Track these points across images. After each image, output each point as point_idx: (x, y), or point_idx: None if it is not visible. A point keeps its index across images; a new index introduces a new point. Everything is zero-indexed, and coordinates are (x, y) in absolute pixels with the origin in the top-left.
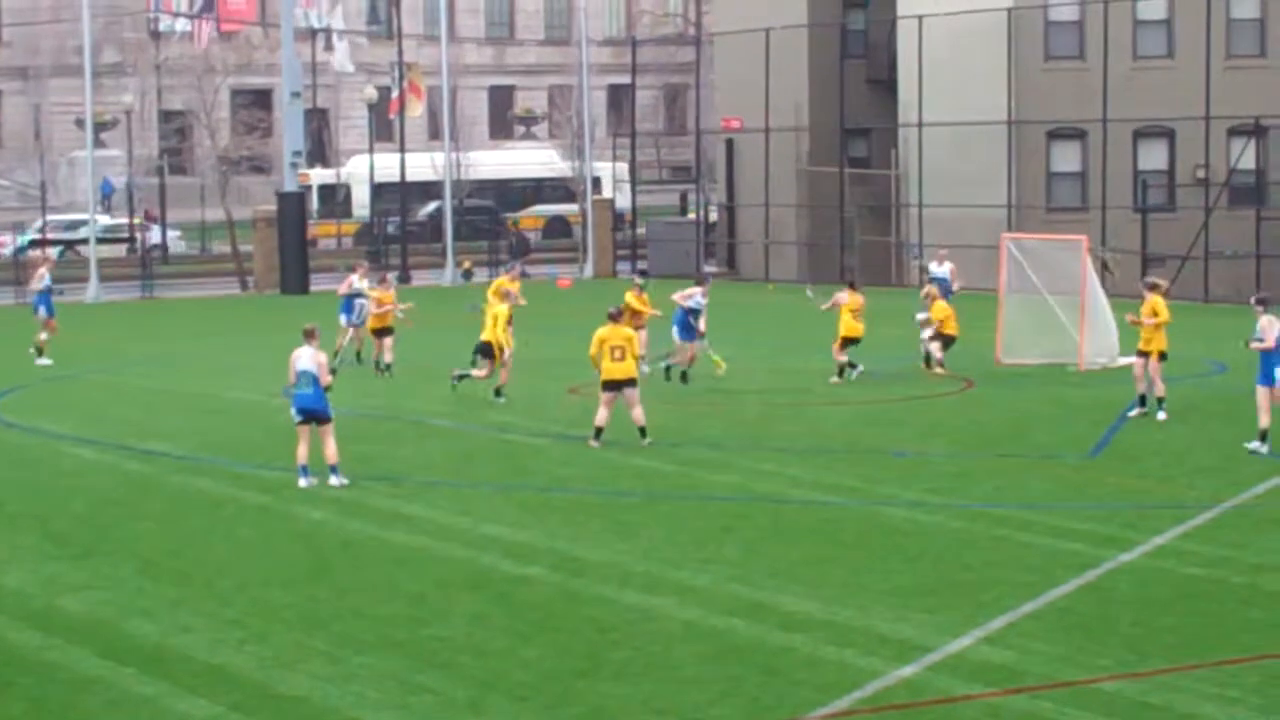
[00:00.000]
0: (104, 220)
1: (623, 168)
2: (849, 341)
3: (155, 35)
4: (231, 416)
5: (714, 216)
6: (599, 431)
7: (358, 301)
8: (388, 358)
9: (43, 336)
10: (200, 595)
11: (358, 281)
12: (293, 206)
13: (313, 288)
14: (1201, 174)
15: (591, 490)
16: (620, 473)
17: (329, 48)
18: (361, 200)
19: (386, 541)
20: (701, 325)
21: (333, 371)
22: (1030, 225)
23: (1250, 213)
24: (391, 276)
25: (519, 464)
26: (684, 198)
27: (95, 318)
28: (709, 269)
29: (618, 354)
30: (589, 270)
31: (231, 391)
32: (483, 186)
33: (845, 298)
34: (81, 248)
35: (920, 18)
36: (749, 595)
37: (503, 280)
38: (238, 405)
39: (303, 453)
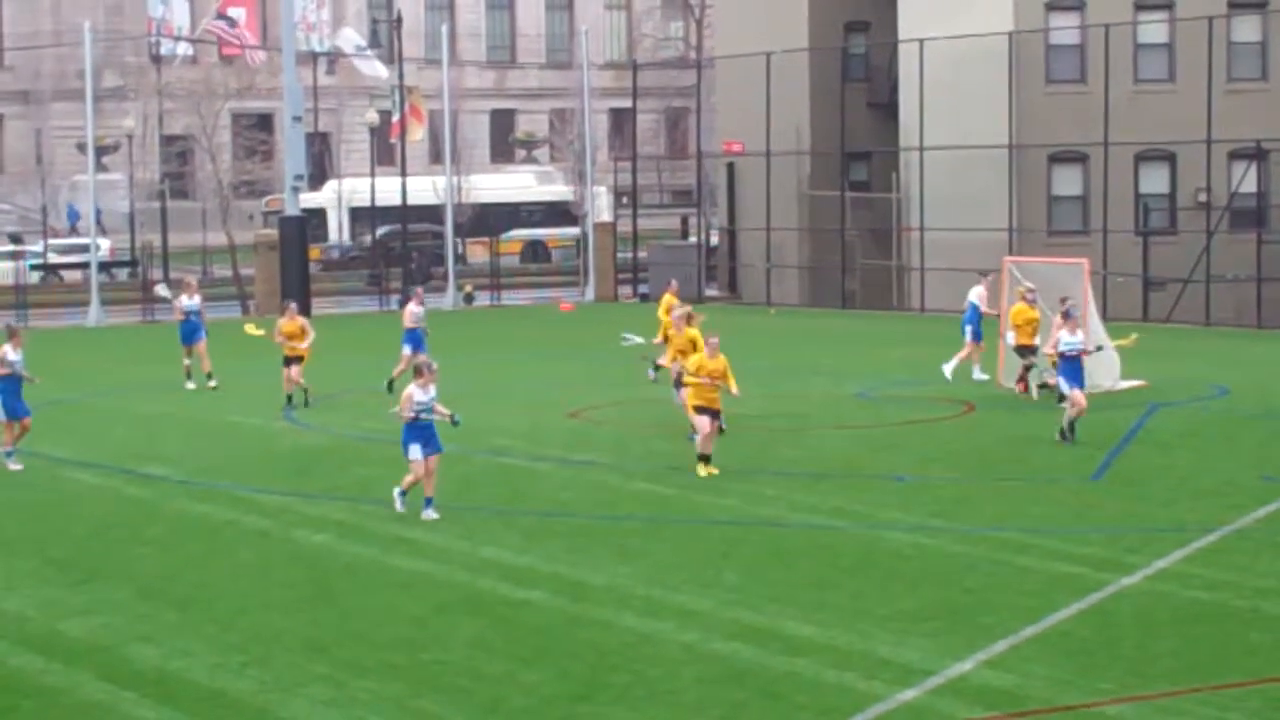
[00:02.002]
0: (72, 241)
1: (602, 190)
2: None
3: (156, 59)
4: (232, 440)
5: (715, 240)
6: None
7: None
8: (295, 383)
9: (186, 363)
10: (201, 619)
11: (417, 309)
12: (294, 230)
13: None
14: (1203, 197)
15: (592, 515)
16: (620, 497)
17: (330, 72)
18: (334, 226)
19: (387, 565)
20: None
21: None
22: (1031, 249)
23: (1251, 236)
24: (294, 305)
25: (519, 488)
26: (685, 221)
27: (96, 341)
28: (710, 291)
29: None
30: (590, 294)
31: (232, 415)
32: (439, 211)
33: None
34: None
35: (921, 41)
36: (750, 619)
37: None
38: (238, 429)
39: (406, 480)
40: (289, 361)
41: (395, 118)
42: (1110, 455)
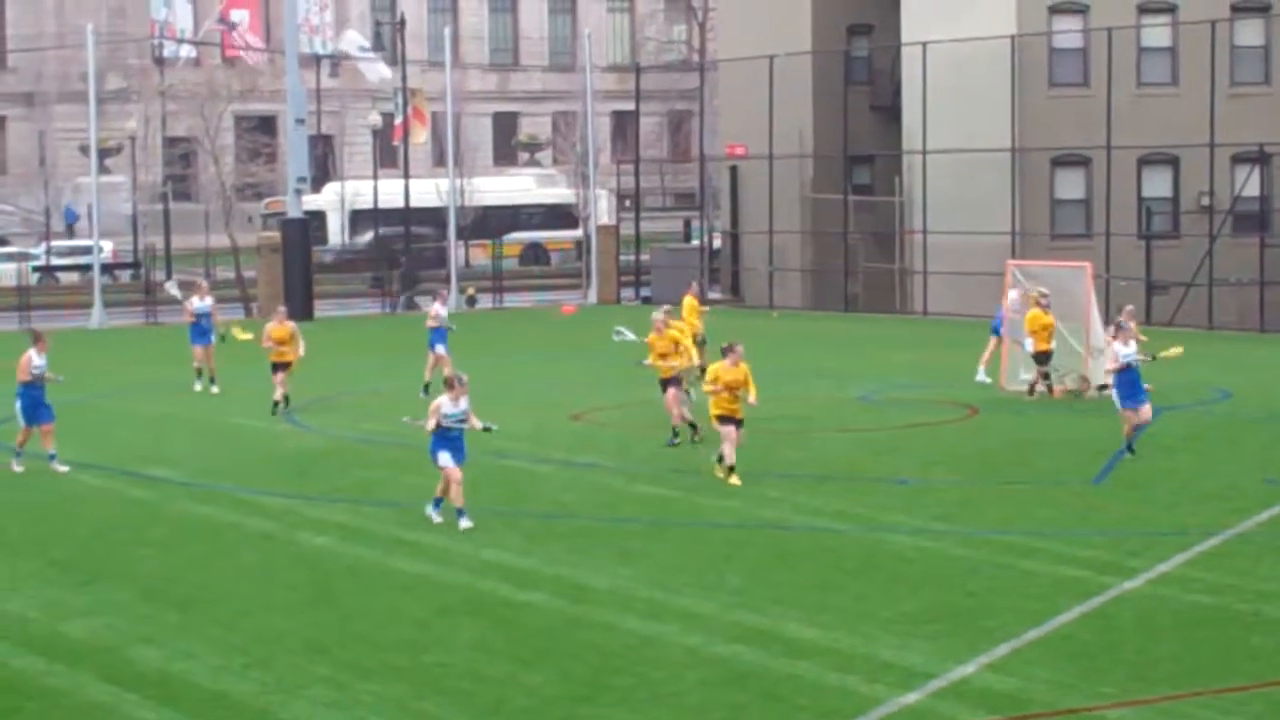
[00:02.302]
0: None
1: (602, 193)
2: None
3: (159, 61)
4: (235, 442)
5: (718, 243)
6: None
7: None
8: (279, 393)
9: (196, 364)
10: (203, 621)
11: (441, 309)
12: (296, 233)
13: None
14: (1206, 201)
15: (594, 517)
16: (623, 499)
17: (333, 75)
18: (335, 228)
19: (389, 568)
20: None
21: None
22: (1034, 252)
23: (1254, 240)
24: (284, 309)
25: (521, 490)
26: (688, 224)
27: (99, 343)
28: (715, 296)
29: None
30: (592, 297)
31: (235, 417)
32: (440, 214)
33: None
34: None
35: (924, 44)
36: (752, 622)
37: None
38: (241, 431)
39: (438, 487)
40: (277, 368)
41: (398, 120)
42: (1113, 459)
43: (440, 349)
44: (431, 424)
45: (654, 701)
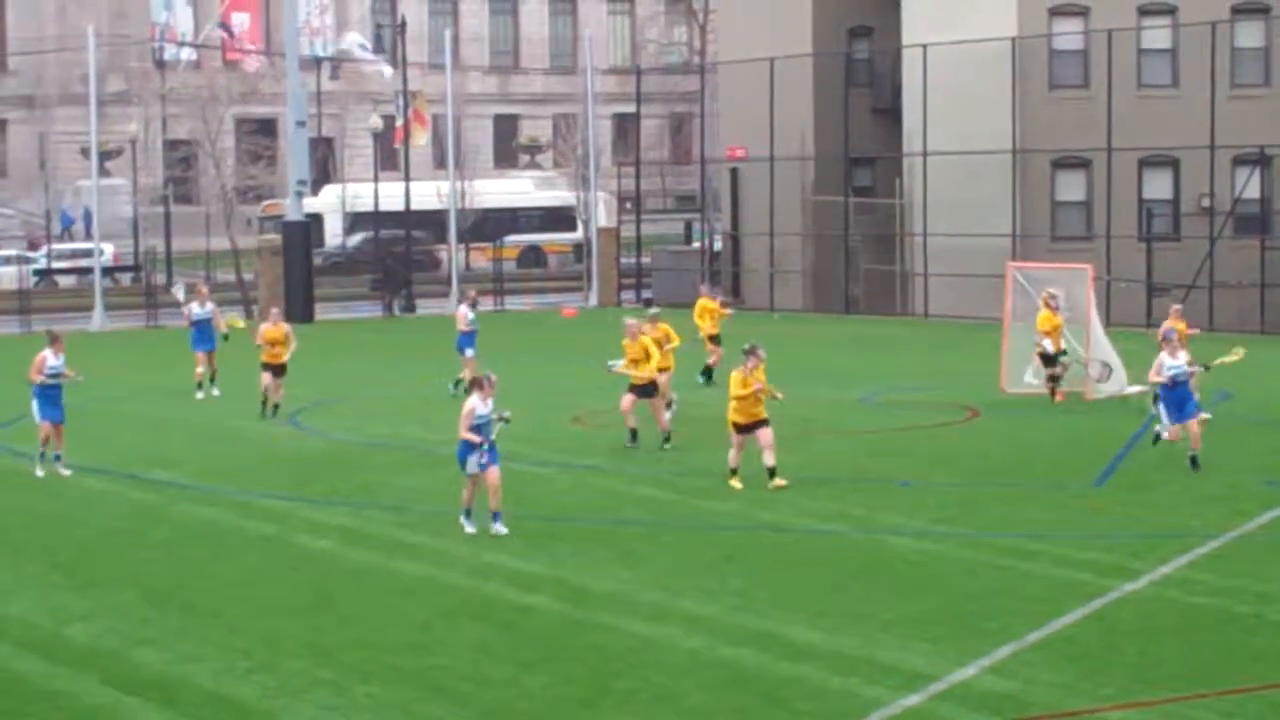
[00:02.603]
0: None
1: (602, 195)
2: None
3: (160, 64)
4: (237, 445)
5: (719, 245)
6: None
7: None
8: (276, 397)
9: (199, 370)
10: (205, 624)
11: (468, 312)
12: (297, 235)
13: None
14: (1206, 203)
15: (595, 519)
16: (624, 502)
17: (333, 77)
18: (333, 230)
19: (391, 571)
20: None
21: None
22: (1035, 254)
23: (1255, 241)
24: (277, 310)
25: (523, 493)
26: (688, 226)
27: (101, 346)
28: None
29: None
30: (593, 300)
31: (237, 420)
32: (435, 216)
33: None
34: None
35: (925, 47)
36: (754, 624)
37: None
38: (243, 433)
39: (485, 499)
40: (268, 368)
41: (399, 123)
42: (1114, 460)
43: (470, 352)
44: (477, 438)
45: (656, 704)
